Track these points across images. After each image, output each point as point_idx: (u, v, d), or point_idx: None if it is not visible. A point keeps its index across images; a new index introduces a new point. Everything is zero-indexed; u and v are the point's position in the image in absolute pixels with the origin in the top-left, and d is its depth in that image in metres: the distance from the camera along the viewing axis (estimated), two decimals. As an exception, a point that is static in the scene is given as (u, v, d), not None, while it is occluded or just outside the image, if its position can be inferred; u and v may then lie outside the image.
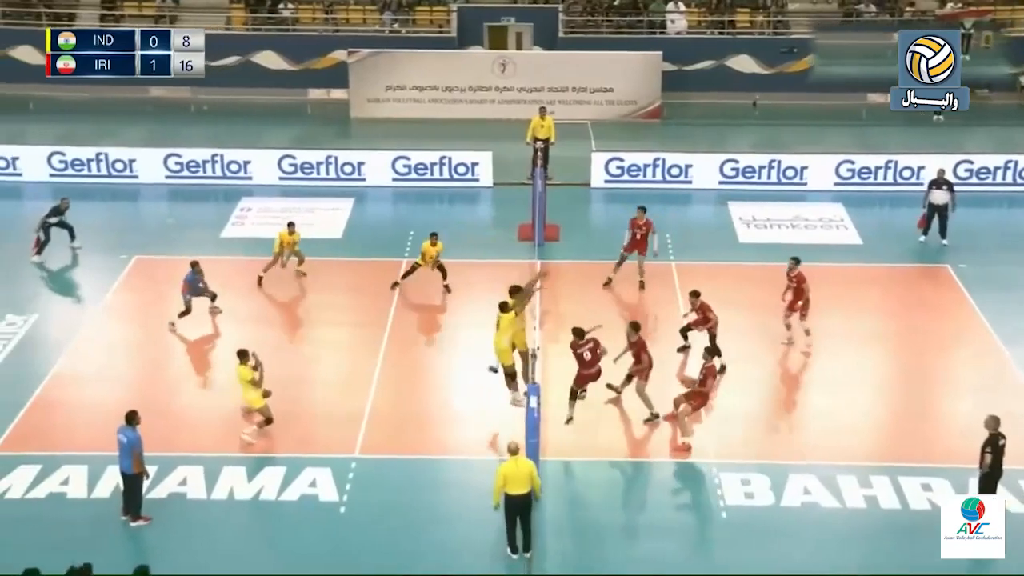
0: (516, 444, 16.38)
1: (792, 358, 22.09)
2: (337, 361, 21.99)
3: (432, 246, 24.19)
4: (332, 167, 30.34)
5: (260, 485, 17.92)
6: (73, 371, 21.52)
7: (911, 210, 28.30)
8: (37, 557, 14.56)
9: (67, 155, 30.24)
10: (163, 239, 27.00)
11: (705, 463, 18.65)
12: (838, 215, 28.63)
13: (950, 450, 18.68)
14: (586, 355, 19.36)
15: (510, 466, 16.03)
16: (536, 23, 37.87)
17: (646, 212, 24.28)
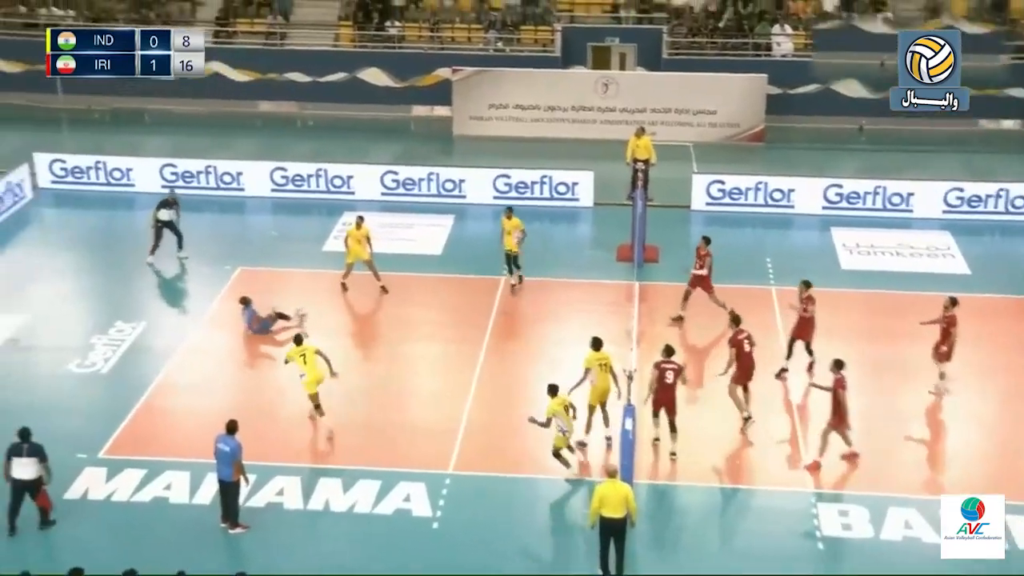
0: (614, 467, 16.38)
1: (892, 387, 21.66)
2: (433, 377, 22.16)
3: (508, 220, 24.89)
4: (434, 184, 30.62)
5: (355, 498, 18.12)
6: (178, 379, 22.03)
7: (1021, 239, 27.64)
8: (137, 559, 15.00)
9: (178, 167, 30.98)
10: (267, 251, 27.51)
11: (802, 492, 18.38)
12: (945, 243, 28.03)
13: (1059, 488, 18.16)
14: (668, 376, 19.11)
15: (607, 488, 16.02)
16: (640, 44, 37.80)
17: (709, 244, 23.81)
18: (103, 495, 18.15)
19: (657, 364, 19.27)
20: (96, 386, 21.53)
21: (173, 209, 26.57)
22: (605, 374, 19.34)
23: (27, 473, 16.91)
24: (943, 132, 36.08)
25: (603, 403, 19.57)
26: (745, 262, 26.61)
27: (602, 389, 19.38)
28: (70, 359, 22.27)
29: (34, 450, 16.92)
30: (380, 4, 38.70)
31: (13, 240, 28.27)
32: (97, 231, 29.06)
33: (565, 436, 18.33)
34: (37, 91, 37.78)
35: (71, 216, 30.12)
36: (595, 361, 19.27)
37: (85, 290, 26.25)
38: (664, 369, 19.15)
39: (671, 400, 19.19)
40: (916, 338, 22.45)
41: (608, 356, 19.48)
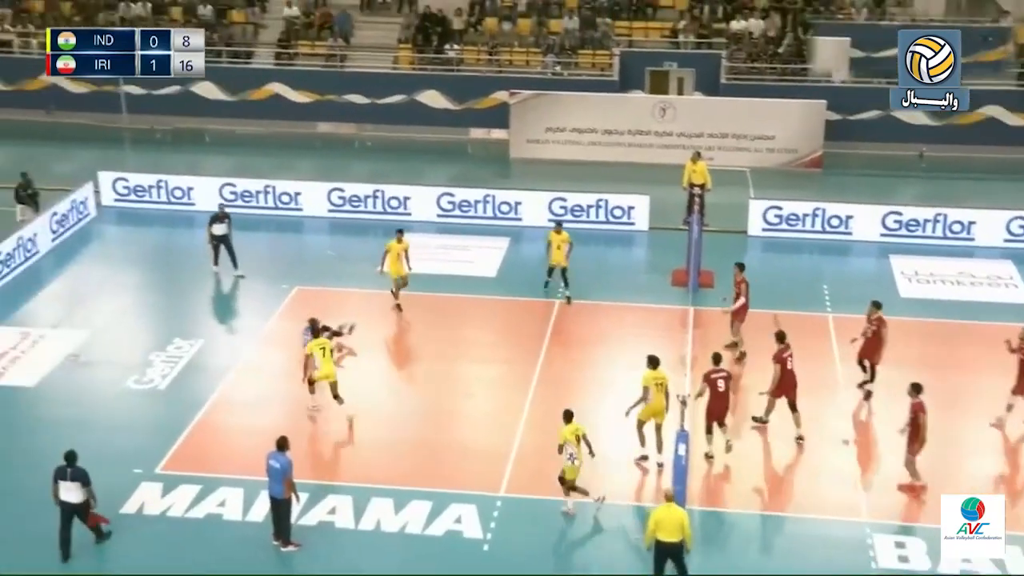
0: (672, 491, 16.40)
1: (951, 417, 21.35)
2: (486, 398, 22.18)
3: (557, 234, 25.38)
4: (489, 206, 30.74)
5: (406, 518, 18.15)
6: (233, 396, 22.24)
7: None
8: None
9: (237, 187, 31.37)
10: (323, 271, 27.73)
11: (857, 522, 18.14)
12: (1007, 273, 27.62)
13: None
14: (720, 385, 19.24)
15: (663, 512, 16.05)
16: (698, 69, 37.75)
17: (743, 270, 23.62)
18: (158, 510, 18.34)
19: (707, 375, 19.35)
20: (154, 402, 21.80)
21: (225, 223, 26.89)
22: (660, 394, 19.38)
23: (73, 497, 16.88)
24: (1005, 160, 35.64)
25: (658, 425, 19.54)
26: (802, 289, 26.43)
27: (656, 408, 19.40)
28: (129, 375, 22.57)
29: (78, 474, 16.81)
30: (440, 27, 39.00)
31: (76, 257, 28.74)
32: (157, 249, 29.49)
33: (575, 467, 17.99)
34: (103, 111, 38.55)
35: (132, 234, 30.59)
36: (652, 380, 19.34)
37: (145, 307, 26.63)
38: (715, 379, 19.26)
39: (724, 409, 19.35)
40: (976, 368, 22.17)
41: (665, 376, 19.53)
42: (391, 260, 25.26)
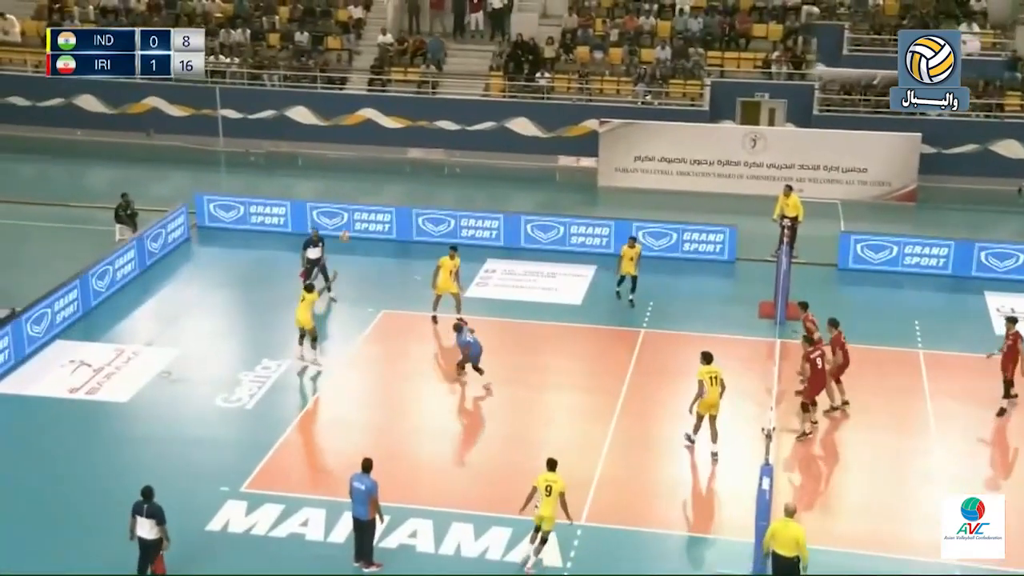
0: (793, 507, 16.49)
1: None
2: (569, 426, 22.15)
3: (631, 248, 26.44)
4: (576, 234, 30.77)
5: (487, 544, 18.17)
6: (318, 417, 22.53)
7: None
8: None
9: (327, 210, 31.82)
10: (409, 295, 27.92)
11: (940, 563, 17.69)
12: (1104, 312, 26.84)
13: None
14: (818, 362, 20.78)
15: (779, 525, 16.20)
16: (790, 100, 37.44)
17: (807, 308, 23.28)
18: (243, 528, 18.59)
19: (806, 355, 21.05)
20: (241, 421, 22.15)
21: (319, 247, 27.28)
22: (715, 387, 20.25)
23: (148, 533, 16.60)
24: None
25: (713, 416, 20.36)
26: (893, 324, 25.98)
27: (711, 401, 20.27)
28: (217, 393, 22.97)
29: (152, 511, 16.59)
30: (531, 56, 39.24)
31: (171, 277, 29.36)
32: (249, 270, 30.01)
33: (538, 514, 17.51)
34: (200, 134, 39.44)
35: (226, 255, 31.16)
36: (706, 374, 20.27)
37: (235, 327, 27.12)
38: (814, 356, 20.95)
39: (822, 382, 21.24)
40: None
41: (719, 370, 20.39)
42: (443, 276, 25.47)
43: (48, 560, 17.72)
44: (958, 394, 22.95)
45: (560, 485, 17.42)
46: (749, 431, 20.78)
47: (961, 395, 22.90)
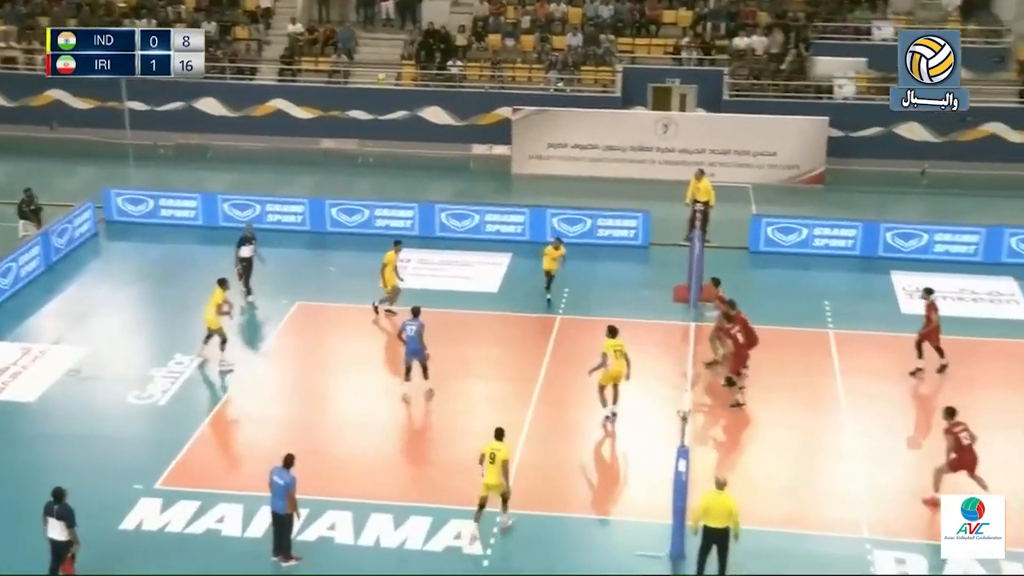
0: (724, 479, 16.71)
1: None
2: (486, 414, 22.06)
3: (555, 249, 26.08)
4: (491, 222, 30.78)
5: (406, 534, 18.13)
6: (233, 412, 22.26)
7: (1088, 286, 27.19)
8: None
9: (239, 202, 31.43)
10: (324, 287, 27.75)
11: (857, 538, 18.08)
12: (1009, 290, 27.60)
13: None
14: (739, 337, 21.51)
15: (712, 499, 16.43)
16: (701, 85, 37.81)
17: (719, 285, 24.00)
18: (157, 526, 18.31)
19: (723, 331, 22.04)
20: (153, 417, 21.80)
21: (252, 245, 26.80)
22: (619, 360, 20.90)
23: (59, 535, 16.39)
24: (1007, 176, 35.68)
25: (615, 386, 21.15)
26: (803, 304, 26.41)
27: (615, 373, 20.99)
28: (129, 390, 22.57)
29: (63, 513, 16.28)
30: (443, 44, 39.11)
31: (78, 273, 28.76)
32: (160, 265, 29.50)
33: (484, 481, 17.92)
34: (106, 127, 38.66)
35: (135, 249, 30.61)
36: (611, 347, 20.89)
37: (146, 322, 26.66)
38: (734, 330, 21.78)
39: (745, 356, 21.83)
40: (978, 384, 22.14)
41: (623, 344, 20.96)
42: (389, 272, 25.33)
43: (-44, 564, 17.30)
44: (867, 372, 23.42)
45: (504, 453, 17.86)
46: (665, 414, 20.98)
47: (870, 373, 23.38)
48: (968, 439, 18.66)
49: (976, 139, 36.12)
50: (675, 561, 17.32)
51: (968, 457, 18.67)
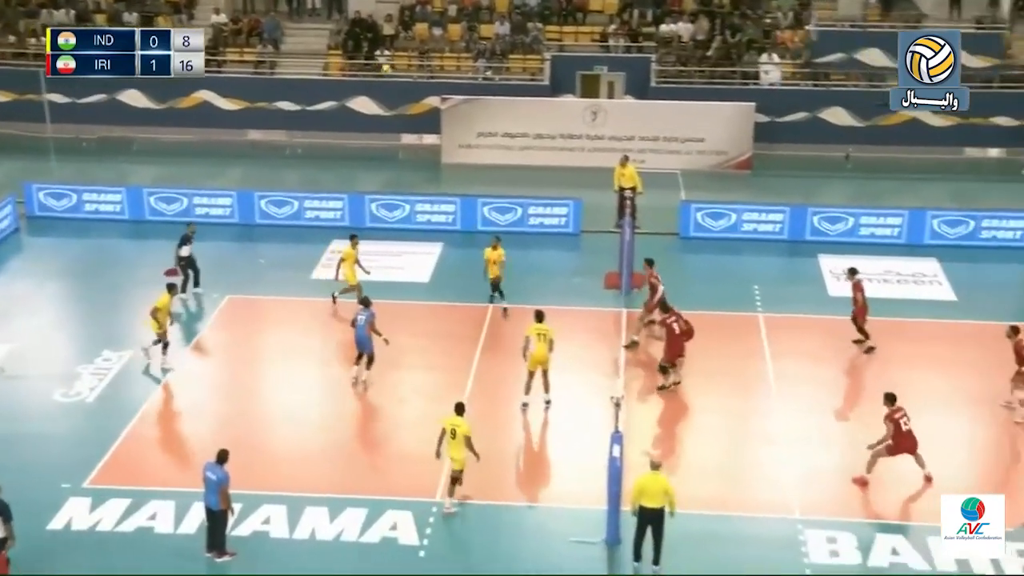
0: (659, 460, 16.93)
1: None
2: (421, 405, 22.09)
3: (494, 250, 25.39)
4: (422, 212, 30.69)
5: (342, 526, 18.04)
6: (164, 408, 21.99)
7: (1007, 266, 27.84)
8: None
9: (166, 195, 31.01)
10: (255, 280, 27.49)
11: (789, 519, 18.33)
12: (932, 270, 28.13)
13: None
14: (675, 327, 21.57)
15: (647, 479, 16.62)
16: (628, 72, 37.99)
17: (653, 265, 24.50)
18: (87, 526, 18.02)
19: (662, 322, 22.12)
20: (81, 415, 21.44)
21: (191, 244, 26.37)
22: (542, 344, 20.99)
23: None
24: (929, 160, 36.34)
25: (544, 371, 21.17)
26: (733, 289, 26.68)
27: (538, 357, 21.06)
28: (55, 388, 22.18)
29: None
30: (370, 34, 38.86)
31: (1, 269, 28.17)
32: (84, 260, 29.01)
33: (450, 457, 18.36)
34: (26, 120, 37.89)
35: (59, 245, 30.06)
36: (534, 331, 21.15)
37: (72, 319, 26.21)
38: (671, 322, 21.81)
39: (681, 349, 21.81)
40: (903, 364, 22.53)
41: (548, 329, 21.10)
42: (348, 267, 25.13)
43: None
44: (796, 354, 23.74)
45: (464, 429, 18.21)
46: (598, 400, 21.07)
47: (799, 355, 23.71)
48: (907, 424, 18.98)
49: (898, 123, 36.70)
50: (611, 546, 17.43)
51: (907, 441, 19.00)
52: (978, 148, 37.22)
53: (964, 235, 29.66)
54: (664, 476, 16.77)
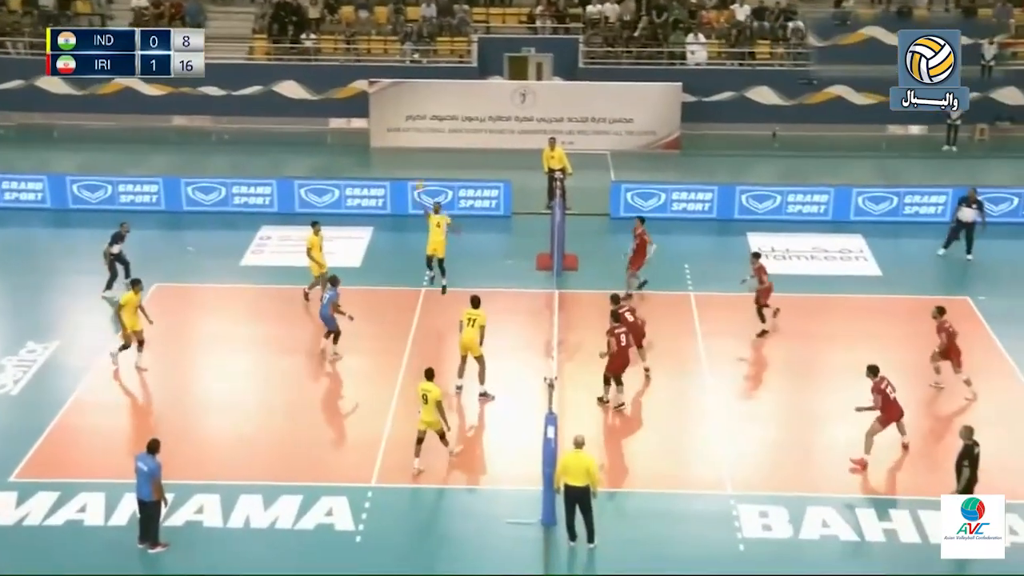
0: (582, 438, 16.86)
1: (808, 389, 22.03)
2: (355, 389, 22.02)
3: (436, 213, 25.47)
4: (351, 196, 30.49)
5: (276, 514, 17.90)
6: (91, 399, 21.60)
7: (930, 241, 28.33)
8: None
9: (89, 183, 30.47)
10: (183, 267, 27.14)
11: (722, 495, 18.54)
12: (858, 246, 28.56)
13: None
14: (621, 338, 20.62)
15: (570, 458, 16.67)
16: (556, 53, 38.03)
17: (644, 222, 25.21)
18: (13, 520, 17.69)
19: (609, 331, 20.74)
20: (6, 408, 21.02)
21: (123, 244, 25.87)
22: (470, 328, 20.95)
23: None
24: (853, 137, 36.85)
25: (477, 357, 21.07)
26: (664, 268, 26.81)
27: (464, 342, 21.11)
28: (-21, 381, 21.76)
29: None
30: (295, 17, 38.44)
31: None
32: (6, 250, 28.42)
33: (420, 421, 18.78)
34: (-58, 108, 37.08)
35: (-22, 235, 29.43)
36: (466, 316, 21.20)
37: (-5, 310, 25.69)
38: (617, 332, 20.72)
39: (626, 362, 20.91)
40: (830, 340, 22.85)
41: (478, 313, 21.07)
42: (316, 254, 24.84)
43: None
44: (727, 333, 23.96)
45: (435, 393, 18.62)
46: (532, 382, 21.11)
47: (729, 333, 23.94)
48: (893, 392, 19.23)
49: (823, 102, 37.22)
50: (547, 527, 17.49)
51: (895, 409, 19.27)
52: (900, 125, 37.84)
53: (888, 211, 30.17)
54: (587, 454, 16.80)
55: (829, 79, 37.04)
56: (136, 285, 22.36)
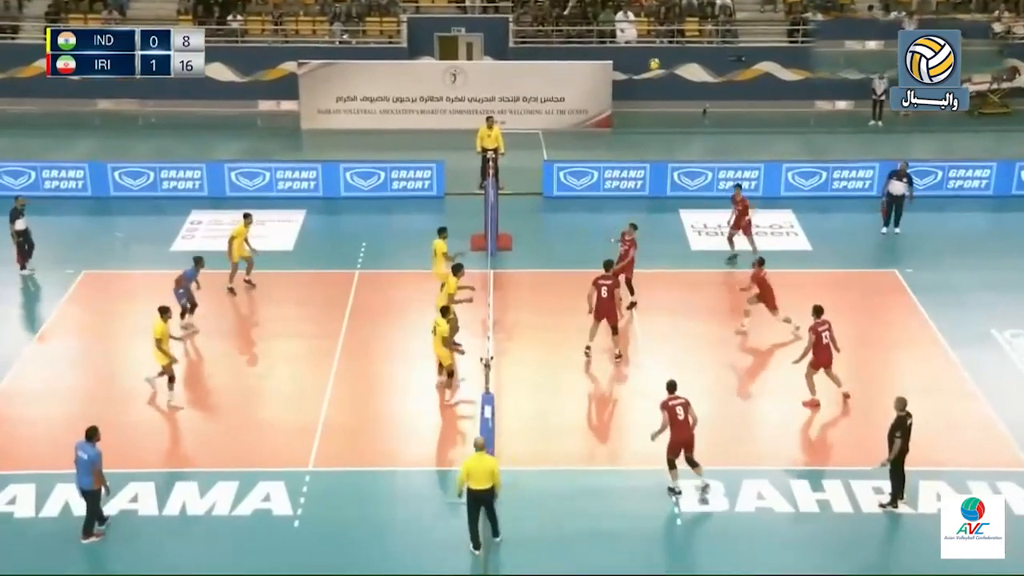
0: (482, 440, 16.59)
1: (743, 364, 22.27)
2: (290, 374, 21.86)
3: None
4: (283, 179, 30.20)
5: (213, 500, 17.74)
6: (19, 388, 21.23)
7: (859, 215, 28.74)
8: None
9: (12, 169, 29.86)
10: (112, 253, 26.75)
11: (660, 470, 18.67)
12: (788, 221, 28.88)
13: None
14: (679, 412, 17.93)
15: (473, 461, 16.28)
16: (486, 33, 37.93)
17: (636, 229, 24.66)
18: (-59, 514, 17.39)
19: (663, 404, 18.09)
20: (-69, 401, 20.61)
21: (24, 217, 25.39)
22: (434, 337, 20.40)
23: None
24: (782, 113, 37.22)
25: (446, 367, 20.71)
26: (597, 247, 26.84)
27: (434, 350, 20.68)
28: (-99, 374, 21.27)
29: None
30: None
31: None
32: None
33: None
34: None
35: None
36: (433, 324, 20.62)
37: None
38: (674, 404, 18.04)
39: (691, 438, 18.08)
40: (763, 315, 23.08)
41: (439, 322, 20.27)
42: (237, 245, 24.45)
43: None
44: (661, 309, 24.12)
45: (443, 328, 19.94)
46: (469, 362, 21.09)
47: (664, 310, 24.10)
48: (826, 338, 19.90)
49: (751, 78, 37.54)
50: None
51: (825, 355, 19.99)
52: (827, 101, 38.29)
53: (817, 186, 30.54)
54: (490, 456, 16.54)
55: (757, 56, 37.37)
56: (164, 313, 20.57)
